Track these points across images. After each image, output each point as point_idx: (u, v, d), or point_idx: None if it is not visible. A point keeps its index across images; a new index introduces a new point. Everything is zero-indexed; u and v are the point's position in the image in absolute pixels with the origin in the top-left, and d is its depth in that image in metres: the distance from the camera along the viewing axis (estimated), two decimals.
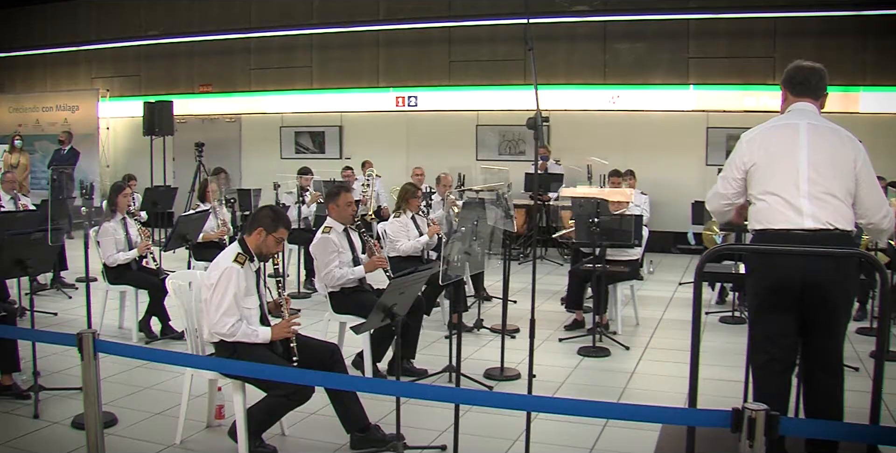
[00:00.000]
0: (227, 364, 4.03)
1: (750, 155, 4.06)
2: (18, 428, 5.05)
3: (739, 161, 4.09)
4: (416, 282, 4.66)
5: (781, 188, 3.94)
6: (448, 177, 9.47)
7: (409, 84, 14.76)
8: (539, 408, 2.94)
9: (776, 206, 3.94)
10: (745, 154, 4.08)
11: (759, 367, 4.04)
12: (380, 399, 5.00)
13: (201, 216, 7.98)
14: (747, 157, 4.06)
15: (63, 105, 17.15)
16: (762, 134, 4.11)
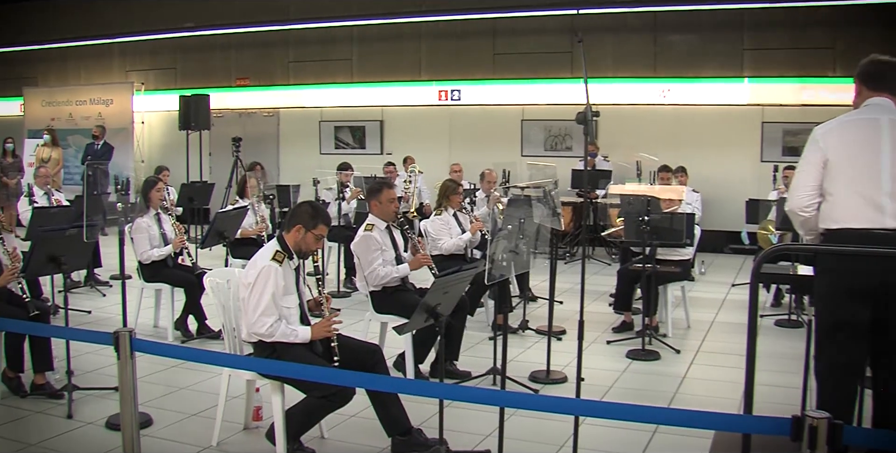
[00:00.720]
0: (266, 364, 4.06)
1: (826, 149, 3.94)
2: (52, 428, 5.13)
3: (815, 155, 3.99)
4: (461, 282, 4.66)
5: (861, 185, 3.84)
6: (492, 173, 9.45)
7: (452, 77, 14.75)
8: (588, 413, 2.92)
9: (855, 204, 3.84)
10: (821, 148, 3.97)
11: (825, 373, 3.94)
12: (422, 401, 5.00)
13: (239, 212, 8.04)
14: (823, 152, 3.96)
15: (97, 99, 17.30)
16: (839, 127, 3.99)
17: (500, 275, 5.03)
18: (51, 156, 14.34)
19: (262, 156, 14.31)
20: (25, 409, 5.45)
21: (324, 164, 13.40)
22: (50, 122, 17.04)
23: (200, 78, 16.87)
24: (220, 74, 16.81)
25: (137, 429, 3.58)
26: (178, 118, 14.93)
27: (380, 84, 15.31)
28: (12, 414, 5.38)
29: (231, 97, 16.59)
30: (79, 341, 5.48)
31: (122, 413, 3.53)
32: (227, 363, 4.49)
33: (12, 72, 18.81)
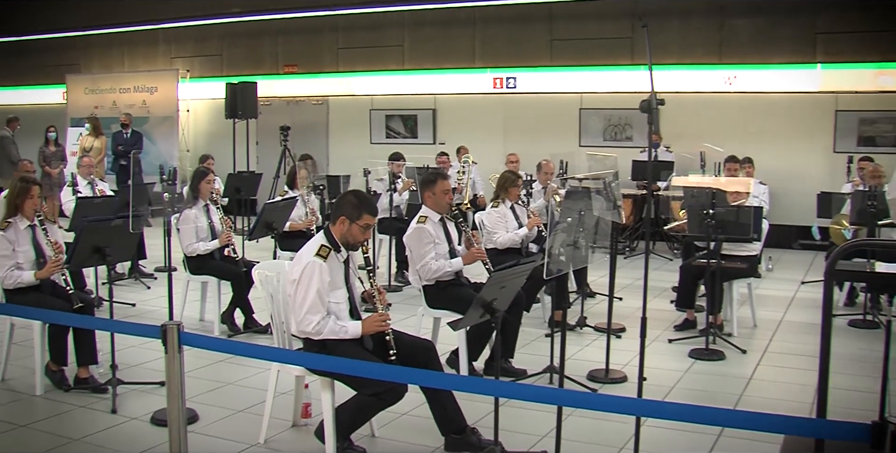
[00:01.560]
0: (317, 359, 4.09)
1: None
2: (96, 422, 5.23)
3: None
4: (519, 276, 4.65)
5: None
6: (549, 164, 9.40)
7: (508, 64, 14.69)
8: (650, 413, 2.90)
9: None
10: None
11: None
12: (475, 400, 5.01)
13: (288, 204, 8.10)
14: None
15: (141, 86, 17.46)
16: None
17: (557, 270, 5.01)
18: (93, 145, 14.56)
19: (311, 146, 14.42)
20: (69, 403, 5.56)
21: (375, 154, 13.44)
22: (93, 110, 17.23)
23: (247, 65, 17.02)
24: (267, 61, 16.94)
25: (185, 425, 3.61)
26: (225, 106, 15.08)
27: (432, 71, 15.30)
28: (56, 409, 5.49)
29: (279, 85, 16.71)
30: (125, 334, 5.58)
31: (168, 408, 3.57)
32: (277, 358, 4.52)
33: (55, 58, 19.13)
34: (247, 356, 3.96)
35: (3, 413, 5.41)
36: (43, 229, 6.05)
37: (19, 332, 6.22)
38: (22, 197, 6.04)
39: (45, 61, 19.29)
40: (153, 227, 7.59)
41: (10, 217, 6.01)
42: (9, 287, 5.89)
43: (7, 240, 5.90)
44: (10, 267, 5.88)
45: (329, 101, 16.50)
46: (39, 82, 19.41)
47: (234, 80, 15.32)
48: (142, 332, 3.78)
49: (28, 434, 5.05)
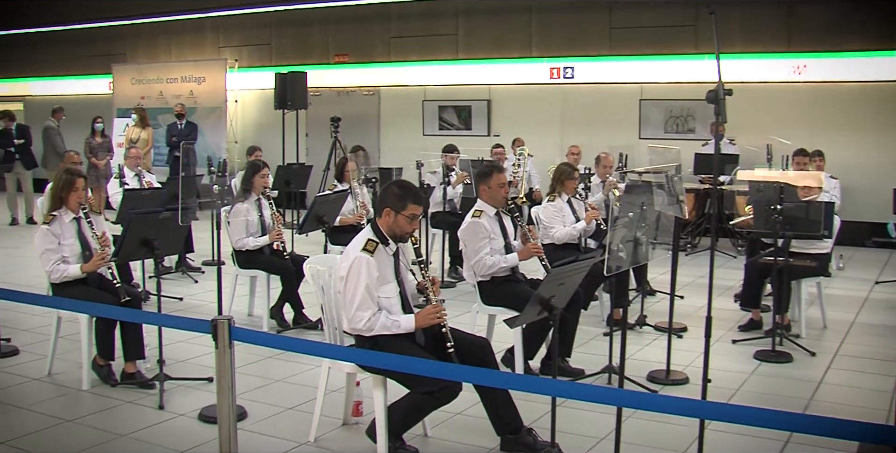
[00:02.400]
0: (370, 355, 4.10)
1: None
2: (143, 419, 5.32)
3: None
4: (578, 273, 4.63)
5: None
6: (608, 156, 9.36)
7: (565, 54, 14.64)
8: (716, 416, 2.87)
9: None
10: None
11: None
12: (531, 400, 4.99)
13: (339, 197, 8.14)
14: None
15: (188, 76, 17.64)
16: None
17: (617, 266, 4.99)
18: (140, 136, 14.77)
19: (362, 137, 14.48)
20: (116, 399, 5.66)
21: (427, 146, 13.49)
22: (140, 101, 17.50)
23: (297, 54, 17.14)
24: (317, 51, 17.05)
25: (234, 423, 3.65)
26: (274, 97, 15.19)
27: (487, 61, 15.28)
28: (102, 404, 5.59)
29: (329, 75, 16.82)
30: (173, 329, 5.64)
31: (219, 405, 3.61)
32: (328, 354, 4.55)
33: (101, 48, 19.43)
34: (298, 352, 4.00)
35: (50, 407, 5.51)
36: (88, 222, 6.15)
37: (66, 326, 6.34)
38: (66, 189, 6.14)
39: (91, 51, 19.60)
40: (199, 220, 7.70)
41: (55, 210, 6.12)
42: (55, 281, 6.01)
43: (52, 233, 6.01)
44: (56, 260, 5.99)
45: (380, 92, 16.56)
46: (85, 72, 19.73)
47: (284, 70, 15.43)
48: (192, 327, 3.82)
49: (75, 429, 5.15)
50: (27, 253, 10.69)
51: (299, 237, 9.38)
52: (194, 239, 9.88)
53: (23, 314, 7.61)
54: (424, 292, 4.84)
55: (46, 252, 5.99)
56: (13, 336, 6.99)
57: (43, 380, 6.06)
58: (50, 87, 20.36)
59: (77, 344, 6.13)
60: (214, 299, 5.89)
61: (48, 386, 5.98)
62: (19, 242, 11.96)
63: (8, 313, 7.24)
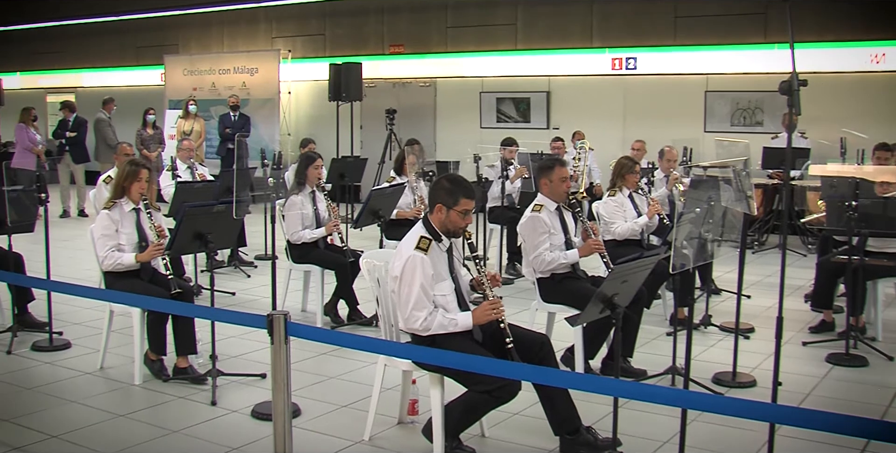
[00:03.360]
0: (428, 353, 4.11)
1: None
2: (195, 414, 5.39)
3: None
4: (642, 270, 4.61)
5: None
6: (672, 150, 9.27)
7: (627, 44, 14.55)
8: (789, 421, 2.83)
9: None
10: None
11: None
12: (591, 401, 5.00)
13: (396, 190, 8.16)
14: None
15: (241, 67, 17.79)
16: None
17: (682, 264, 4.95)
18: (193, 128, 14.95)
19: (418, 130, 14.52)
20: (168, 394, 5.75)
21: (484, 139, 13.50)
22: (192, 92, 17.70)
23: (351, 45, 17.23)
24: (372, 41, 17.12)
25: (290, 420, 3.67)
26: (328, 88, 15.28)
27: (546, 51, 15.23)
28: (154, 399, 5.68)
29: (384, 66, 16.88)
30: (226, 324, 5.71)
31: (274, 401, 3.64)
32: (386, 351, 4.56)
33: (153, 39, 19.74)
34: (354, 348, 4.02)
35: (102, 402, 5.62)
36: (147, 213, 6.27)
37: (118, 320, 6.45)
38: (130, 179, 6.30)
39: (143, 41, 19.92)
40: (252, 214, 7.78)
41: (117, 198, 6.27)
42: (108, 268, 6.12)
43: (111, 219, 6.15)
44: (112, 247, 6.11)
45: (437, 83, 16.60)
46: (137, 63, 20.06)
47: (338, 61, 15.51)
48: (247, 322, 3.85)
49: (127, 424, 5.23)
50: (79, 245, 10.89)
51: (353, 232, 9.42)
52: (247, 232, 9.94)
53: (75, 307, 7.76)
54: (480, 287, 4.84)
55: (103, 237, 6.12)
56: (65, 329, 7.13)
57: (95, 374, 6.17)
58: (101, 79, 20.71)
59: (129, 338, 6.23)
60: (267, 294, 5.95)
61: (100, 380, 6.09)
62: (71, 235, 12.15)
63: (60, 306, 7.36)
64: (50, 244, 6.95)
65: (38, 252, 7.08)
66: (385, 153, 14.60)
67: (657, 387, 3.32)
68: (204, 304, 7.14)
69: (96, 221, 6.25)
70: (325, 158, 9.25)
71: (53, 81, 21.81)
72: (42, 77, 22.02)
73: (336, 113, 15.15)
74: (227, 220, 5.99)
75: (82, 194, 14.89)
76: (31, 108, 15.05)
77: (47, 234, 6.93)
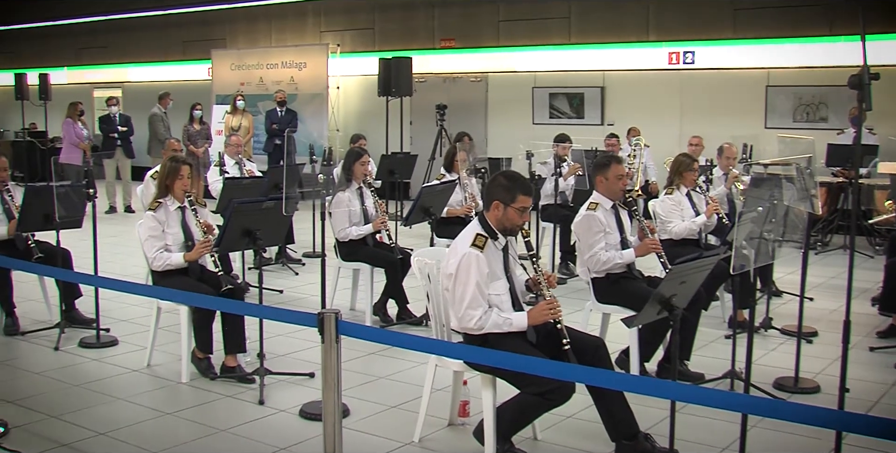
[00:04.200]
0: (480, 353, 4.11)
1: None
2: (243, 414, 5.44)
3: None
4: (701, 271, 4.57)
5: None
6: (732, 147, 9.18)
7: (685, 37, 14.44)
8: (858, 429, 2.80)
9: None
10: None
11: None
12: (646, 405, 4.96)
13: (447, 187, 8.17)
14: None
15: (289, 62, 17.94)
16: None
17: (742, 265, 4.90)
18: (241, 123, 15.07)
19: (469, 126, 14.49)
20: (215, 392, 5.81)
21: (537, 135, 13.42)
22: (239, 87, 17.88)
23: (401, 39, 17.27)
24: (422, 35, 17.16)
25: (340, 420, 3.70)
26: (378, 83, 15.30)
27: (601, 46, 15.19)
28: (202, 397, 5.74)
29: (435, 60, 16.91)
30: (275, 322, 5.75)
31: (324, 401, 3.66)
32: (438, 350, 4.56)
33: (200, 33, 19.94)
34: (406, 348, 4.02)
35: (149, 399, 5.69)
36: (193, 210, 6.34)
37: (165, 317, 6.52)
38: (172, 177, 6.35)
39: (190, 36, 20.13)
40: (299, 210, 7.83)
41: (161, 197, 6.34)
42: (157, 268, 6.20)
43: (157, 220, 6.23)
44: (159, 248, 6.19)
45: (488, 78, 16.60)
46: (184, 58, 20.28)
47: (388, 56, 15.50)
48: (297, 320, 3.88)
49: (174, 422, 5.30)
50: (126, 241, 11.05)
51: (403, 229, 9.45)
52: (294, 229, 9.97)
53: (122, 304, 7.87)
54: (537, 287, 4.83)
55: (150, 239, 6.20)
56: (112, 326, 7.24)
57: (142, 372, 6.25)
58: (148, 74, 21.00)
59: (176, 335, 6.30)
60: (315, 292, 5.98)
61: (147, 377, 6.17)
62: (117, 231, 12.33)
63: (107, 303, 7.47)
64: (97, 240, 7.07)
65: (86, 248, 7.20)
66: (435, 149, 14.61)
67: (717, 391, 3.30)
68: (252, 302, 7.20)
69: (143, 222, 6.33)
70: (375, 155, 9.29)
71: (100, 76, 22.15)
72: (89, 72, 22.38)
73: (385, 108, 15.17)
74: (275, 217, 6.03)
75: (128, 190, 15.10)
76: (78, 103, 15.33)
77: (95, 230, 7.04)
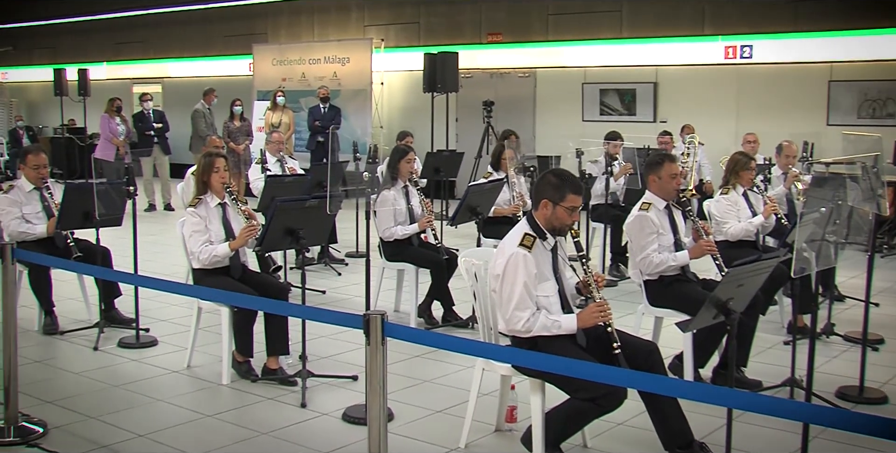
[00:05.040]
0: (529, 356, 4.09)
1: None
2: (284, 416, 5.48)
3: None
4: (759, 274, 4.53)
5: None
6: (791, 145, 9.10)
7: (742, 31, 14.33)
8: None
9: None
10: None
11: None
12: (701, 412, 4.95)
13: (495, 186, 8.15)
14: None
15: (332, 57, 17.95)
16: None
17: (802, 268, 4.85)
18: (281, 120, 15.16)
19: (516, 123, 14.50)
20: (256, 395, 5.86)
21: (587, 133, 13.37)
22: (281, 83, 17.96)
23: (447, 34, 17.30)
24: (468, 29, 17.16)
25: (385, 424, 3.70)
26: (423, 79, 15.31)
27: (654, 40, 15.12)
28: (243, 400, 5.79)
29: (481, 55, 16.91)
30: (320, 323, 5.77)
31: (369, 405, 3.67)
32: (486, 353, 4.53)
33: (241, 27, 20.10)
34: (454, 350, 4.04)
35: (190, 401, 5.76)
36: (233, 200, 6.42)
37: (206, 317, 6.59)
38: (207, 172, 6.41)
39: (231, 30, 20.27)
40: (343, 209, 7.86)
41: (201, 194, 6.40)
42: (204, 263, 6.25)
43: (198, 215, 6.29)
44: (204, 242, 6.26)
45: (537, 74, 16.58)
46: (225, 53, 20.43)
47: (433, 51, 15.50)
48: (342, 322, 3.90)
49: (215, 424, 5.35)
50: (165, 240, 11.16)
51: (447, 229, 9.45)
52: (337, 229, 10.02)
53: (161, 304, 7.96)
54: (587, 289, 4.82)
55: (195, 234, 6.27)
56: (152, 326, 7.32)
57: (182, 373, 6.32)
58: (188, 69, 21.19)
59: (217, 336, 6.36)
60: (359, 293, 6.01)
61: (187, 379, 6.24)
62: (157, 229, 12.46)
63: (147, 302, 7.54)
64: (137, 238, 7.15)
65: (125, 246, 7.28)
66: (482, 147, 14.62)
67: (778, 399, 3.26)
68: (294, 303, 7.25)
69: (185, 219, 6.41)
70: (420, 152, 9.30)
71: (140, 71, 22.39)
72: (128, 67, 22.63)
73: (431, 105, 15.18)
74: (319, 216, 6.06)
75: (167, 187, 15.24)
76: (117, 99, 15.51)
77: (135, 228, 7.13)
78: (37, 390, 5.83)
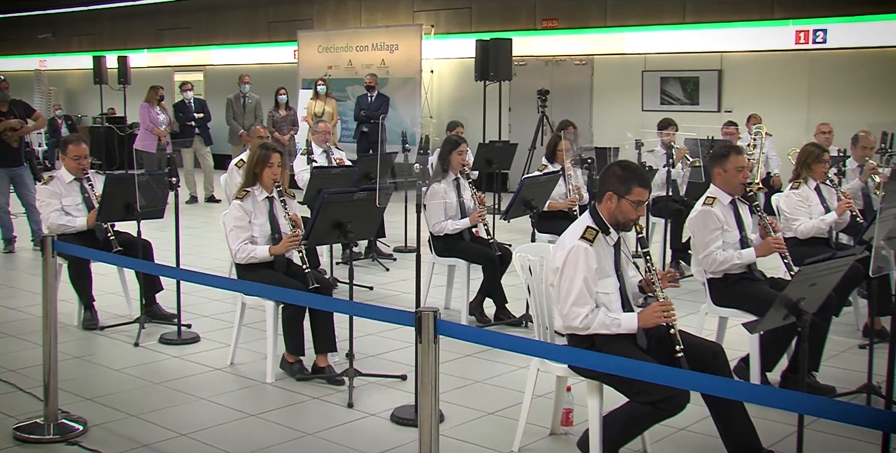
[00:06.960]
0: (588, 356, 4.08)
1: None
2: (331, 417, 5.51)
3: None
4: (833, 273, 4.46)
5: None
6: (868, 136, 8.97)
7: (815, 14, 14.15)
8: None
9: None
10: None
11: None
12: (769, 419, 4.91)
13: (550, 179, 8.12)
14: None
15: (380, 43, 17.96)
16: None
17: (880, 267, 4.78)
18: (324, 109, 15.21)
19: (573, 112, 14.45)
20: (301, 394, 5.89)
21: (647, 123, 13.26)
22: (327, 71, 18.05)
23: (500, 19, 17.28)
24: (523, 15, 17.13)
25: (437, 426, 3.71)
26: (475, 67, 15.32)
27: (719, 25, 15.01)
28: (288, 399, 5.83)
29: (536, 42, 16.89)
30: (367, 320, 5.79)
31: (420, 406, 3.68)
32: (542, 353, 4.51)
33: (286, 13, 20.24)
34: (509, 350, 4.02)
35: (233, 400, 5.80)
36: (282, 201, 6.42)
37: (249, 313, 6.62)
38: (261, 165, 6.44)
39: (275, 16, 20.42)
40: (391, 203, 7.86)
41: (249, 186, 6.43)
42: (241, 261, 6.30)
43: (243, 210, 6.33)
44: (244, 239, 6.29)
45: (594, 61, 16.52)
46: (269, 40, 20.57)
47: (486, 37, 15.49)
48: (392, 319, 3.91)
49: (259, 424, 5.39)
50: (207, 233, 11.26)
51: (500, 224, 9.43)
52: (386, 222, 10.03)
53: (204, 298, 8.04)
54: (650, 287, 4.79)
55: (235, 229, 6.30)
56: (194, 322, 7.38)
57: (225, 371, 6.37)
58: (232, 56, 21.36)
59: (261, 333, 6.41)
60: (407, 289, 6.02)
61: (230, 376, 6.28)
62: (199, 222, 12.58)
63: (189, 297, 7.63)
64: (179, 231, 7.22)
65: (166, 239, 7.35)
66: (536, 138, 14.59)
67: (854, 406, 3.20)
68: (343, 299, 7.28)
69: (229, 212, 6.45)
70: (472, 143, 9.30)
71: (181, 59, 22.62)
72: (170, 54, 22.87)
73: (483, 94, 15.18)
74: (368, 209, 6.04)
75: (210, 179, 15.36)
76: (159, 87, 15.56)
77: (177, 221, 7.17)
78: (76, 387, 5.90)
